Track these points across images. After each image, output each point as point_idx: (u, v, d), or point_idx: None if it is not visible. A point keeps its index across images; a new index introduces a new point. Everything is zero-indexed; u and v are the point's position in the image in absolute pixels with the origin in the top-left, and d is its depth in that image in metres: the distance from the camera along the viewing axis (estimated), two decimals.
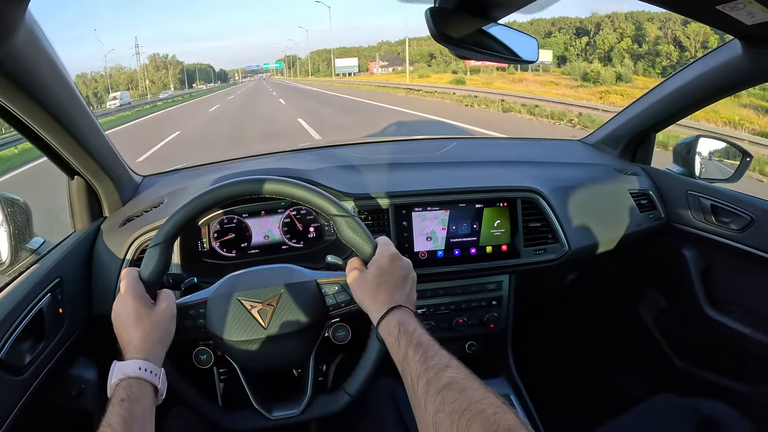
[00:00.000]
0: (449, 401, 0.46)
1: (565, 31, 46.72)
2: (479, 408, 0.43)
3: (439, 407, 0.46)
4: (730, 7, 0.62)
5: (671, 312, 1.19)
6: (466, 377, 0.49)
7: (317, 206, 0.68)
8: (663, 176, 1.17)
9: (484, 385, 0.48)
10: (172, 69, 77.94)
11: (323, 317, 0.70)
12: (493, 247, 0.97)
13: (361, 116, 10.74)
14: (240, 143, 7.98)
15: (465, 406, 0.44)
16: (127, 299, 0.62)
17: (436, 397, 0.47)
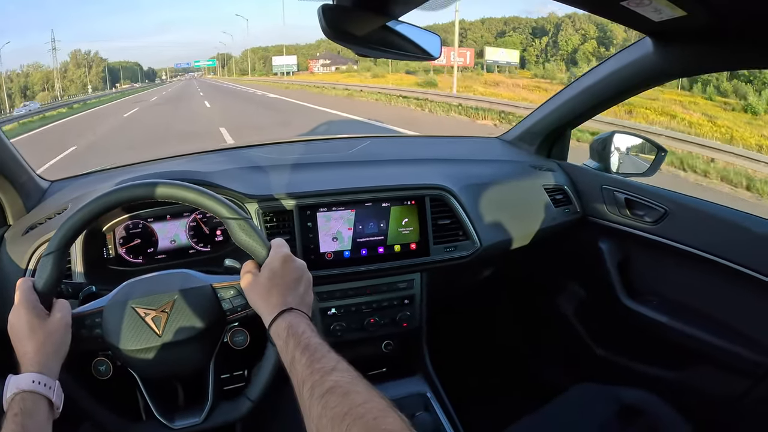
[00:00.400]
0: (331, 405, 0.45)
1: (520, 31, 46.62)
2: (360, 412, 0.43)
3: (322, 412, 0.46)
4: (635, 3, 0.63)
5: (590, 303, 1.21)
6: (351, 381, 0.49)
7: (210, 209, 0.68)
8: (578, 171, 1.20)
9: (370, 387, 0.48)
10: (95, 67, 68.89)
11: (220, 322, 0.69)
12: (402, 246, 0.97)
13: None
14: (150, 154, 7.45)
15: (346, 411, 0.44)
16: (20, 310, 0.60)
17: (319, 402, 0.47)
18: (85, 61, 67.38)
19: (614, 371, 1.20)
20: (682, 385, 1.10)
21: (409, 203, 0.98)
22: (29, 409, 0.54)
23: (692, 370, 1.09)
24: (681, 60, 0.88)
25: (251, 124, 10.00)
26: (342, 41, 0.65)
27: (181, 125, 11.04)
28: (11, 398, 0.54)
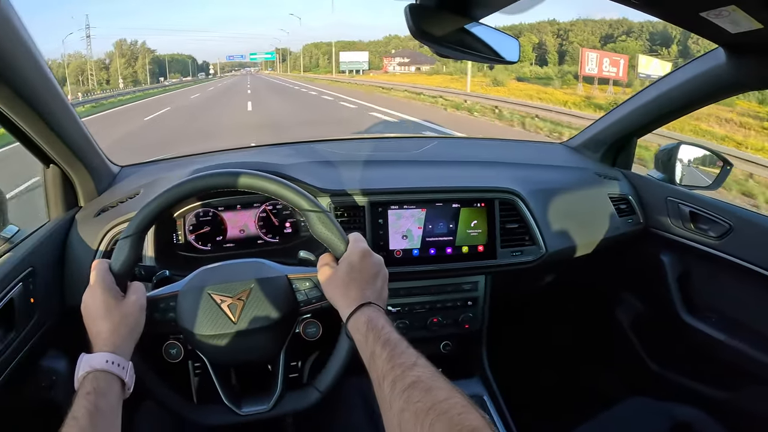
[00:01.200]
0: (414, 400, 0.45)
1: (635, 36, 40.66)
2: (444, 408, 0.43)
3: (404, 406, 0.46)
4: (714, 14, 0.62)
5: (648, 316, 1.19)
6: (432, 376, 0.48)
7: (290, 201, 0.68)
8: (643, 182, 1.18)
9: (450, 384, 0.48)
10: (142, 58, 62.40)
11: (294, 313, 0.69)
12: (470, 248, 0.97)
13: None
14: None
15: (430, 406, 0.44)
16: (96, 291, 0.61)
17: (401, 396, 0.47)
18: (129, 52, 61.99)
19: (667, 387, 1.18)
20: (736, 407, 1.08)
21: (478, 205, 0.97)
22: (102, 388, 0.54)
23: (747, 392, 1.06)
24: (755, 72, 0.86)
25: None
26: (423, 40, 0.65)
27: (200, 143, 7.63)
28: (83, 376, 0.55)
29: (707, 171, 1.21)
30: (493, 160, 1.12)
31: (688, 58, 29.74)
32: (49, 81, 0.73)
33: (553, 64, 39.67)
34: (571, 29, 46.00)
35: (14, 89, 0.65)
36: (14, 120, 0.72)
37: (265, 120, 10.54)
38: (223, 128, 9.60)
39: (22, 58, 0.65)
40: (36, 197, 0.98)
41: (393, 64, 46.99)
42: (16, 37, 0.62)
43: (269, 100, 16.58)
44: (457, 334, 1.02)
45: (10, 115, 0.71)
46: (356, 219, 0.92)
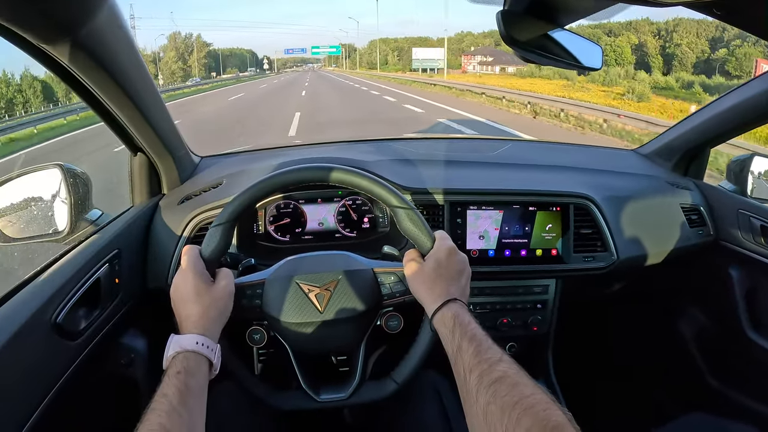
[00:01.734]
0: (501, 394, 0.47)
1: (752, 41, 32.67)
2: (530, 403, 0.44)
3: (490, 399, 0.47)
4: None
5: (712, 331, 1.17)
6: (518, 372, 0.50)
7: (380, 197, 0.69)
8: (715, 193, 1.15)
9: (534, 381, 0.49)
10: (197, 52, 58.59)
11: (377, 305, 0.71)
12: (543, 251, 0.97)
13: None
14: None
15: (516, 400, 0.45)
16: (188, 275, 0.63)
17: (488, 390, 0.48)
18: (184, 45, 57.36)
19: (727, 404, 1.15)
20: None
21: (554, 209, 0.97)
22: (192, 369, 0.56)
23: None
24: None
25: None
26: (512, 45, 0.65)
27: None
28: (173, 356, 0.57)
29: None
30: (567, 165, 1.11)
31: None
32: (144, 72, 0.76)
33: (657, 70, 34.10)
34: (675, 30, 38.12)
35: (116, 81, 0.68)
36: (112, 109, 0.75)
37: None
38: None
39: (124, 53, 0.68)
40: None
41: (473, 63, 41.13)
42: (120, 32, 0.64)
43: (326, 109, 12.97)
44: (524, 336, 1.02)
45: (110, 105, 0.74)
46: (435, 217, 0.93)
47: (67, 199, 0.86)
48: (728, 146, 4.30)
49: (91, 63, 0.62)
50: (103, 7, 0.57)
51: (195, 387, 0.55)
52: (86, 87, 0.67)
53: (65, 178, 0.86)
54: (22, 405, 0.56)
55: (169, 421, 0.49)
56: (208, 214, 0.89)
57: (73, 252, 0.77)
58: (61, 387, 0.62)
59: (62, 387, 0.62)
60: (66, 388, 0.63)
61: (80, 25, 0.55)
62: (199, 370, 0.57)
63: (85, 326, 0.69)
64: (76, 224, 0.86)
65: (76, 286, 0.69)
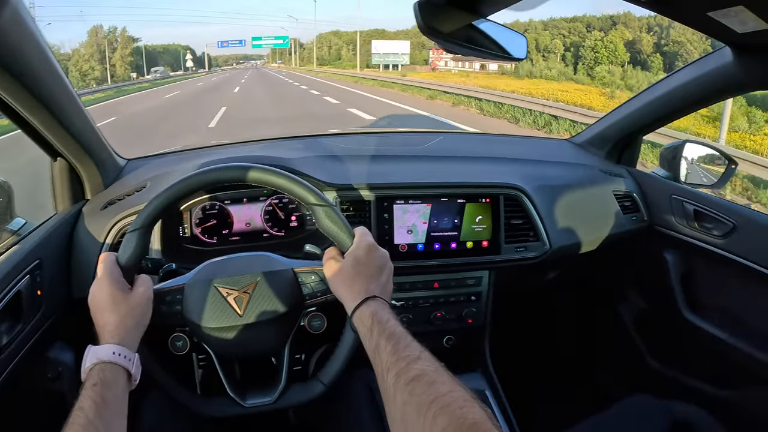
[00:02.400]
0: (417, 393, 0.46)
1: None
2: (446, 401, 0.44)
3: (407, 399, 0.46)
4: (722, 14, 0.63)
5: (650, 314, 1.20)
6: (436, 370, 0.49)
7: (296, 195, 0.68)
8: (648, 179, 1.18)
9: (453, 378, 0.48)
10: (122, 49, 46.97)
11: (299, 306, 0.70)
12: (474, 243, 0.97)
13: None
14: None
15: (432, 399, 0.44)
16: (103, 283, 0.61)
17: (405, 389, 0.47)
18: (105, 41, 45.93)
19: (669, 384, 1.18)
20: (737, 405, 1.08)
21: (483, 201, 0.97)
22: (108, 380, 0.54)
23: (748, 391, 1.07)
24: (761, 72, 0.86)
25: None
26: (432, 37, 0.65)
27: None
28: (90, 368, 0.55)
29: (712, 169, 1.21)
30: (498, 156, 1.12)
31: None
32: (56, 73, 0.73)
33: (657, 71, 30.79)
34: (672, 25, 32.11)
35: (25, 85, 0.66)
36: (23, 113, 0.73)
37: None
38: None
39: (33, 54, 0.65)
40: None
41: (445, 58, 34.05)
42: (26, 33, 0.62)
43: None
44: (460, 329, 1.03)
45: (19, 108, 0.71)
46: (362, 213, 0.92)
47: None
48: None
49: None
50: (6, 8, 0.55)
51: (112, 399, 0.53)
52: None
53: None
54: None
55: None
56: (130, 219, 0.87)
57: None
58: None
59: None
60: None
61: None
62: (117, 381, 0.55)
63: (7, 342, 0.67)
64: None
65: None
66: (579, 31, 39.96)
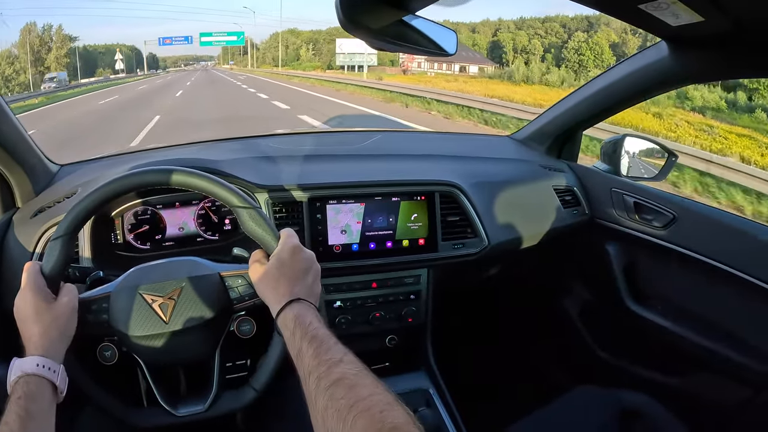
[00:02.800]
0: (338, 397, 0.45)
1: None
2: (367, 405, 0.43)
3: (327, 404, 0.46)
4: (654, 7, 0.63)
5: (595, 306, 1.22)
6: (358, 373, 0.48)
7: (220, 198, 0.68)
8: (588, 173, 1.20)
9: (376, 380, 0.48)
10: (57, 50, 40.94)
11: (227, 311, 0.69)
12: (410, 241, 0.98)
13: None
14: None
15: (352, 403, 0.44)
16: (26, 294, 0.60)
17: (325, 393, 0.47)
18: (39, 40, 40.03)
19: (616, 375, 1.20)
20: (684, 391, 1.10)
21: (418, 198, 0.97)
22: (33, 393, 0.54)
23: (694, 377, 1.09)
24: (697, 65, 0.88)
25: None
26: (357, 33, 0.65)
27: None
28: (15, 381, 0.54)
29: (652, 162, 1.24)
30: (436, 154, 1.13)
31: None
32: None
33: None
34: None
35: None
36: None
37: None
38: None
39: None
40: None
41: (418, 60, 31.56)
42: None
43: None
44: (401, 328, 1.03)
45: None
46: (294, 215, 0.92)
47: None
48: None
49: None
50: None
51: (37, 412, 0.52)
52: None
53: None
54: None
55: None
56: None
57: None
58: None
59: None
60: None
61: None
62: (41, 393, 0.54)
63: None
64: None
65: None
66: (555, 31, 39.81)
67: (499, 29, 43.29)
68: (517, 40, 40.75)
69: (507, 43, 41.09)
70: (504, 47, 41.08)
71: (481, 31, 44.47)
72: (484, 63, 38.24)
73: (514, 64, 32.58)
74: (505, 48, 40.96)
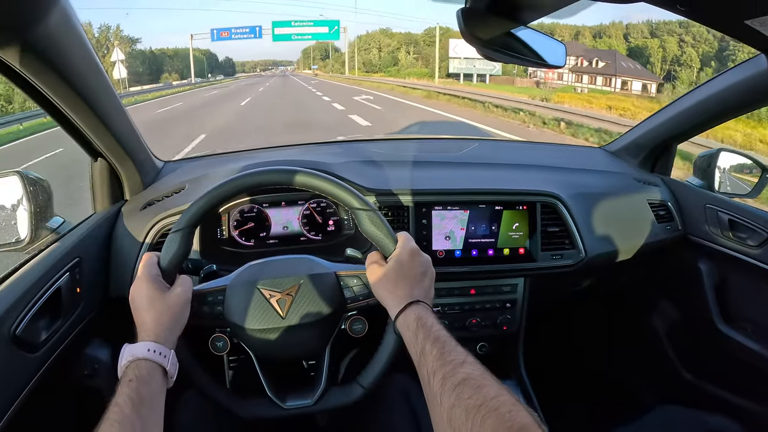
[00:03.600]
0: (465, 397, 0.46)
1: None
2: (495, 405, 0.44)
3: (454, 402, 0.46)
4: (759, 22, 0.62)
5: (683, 324, 1.18)
6: (482, 374, 0.49)
7: (341, 199, 0.69)
8: (682, 188, 1.16)
9: (499, 382, 0.48)
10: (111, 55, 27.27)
11: (341, 309, 0.70)
12: (511, 250, 0.97)
13: None
14: None
15: (480, 403, 0.45)
16: (142, 283, 0.62)
17: (452, 393, 0.47)
18: (95, 42, 27.22)
19: (701, 396, 1.17)
20: None
21: (521, 208, 0.97)
22: (144, 376, 0.55)
23: None
24: None
25: None
26: (473, 43, 0.65)
27: None
28: (126, 365, 0.56)
29: (746, 179, 1.20)
30: (534, 164, 1.12)
31: None
32: (101, 74, 0.74)
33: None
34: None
35: (71, 85, 0.67)
36: (68, 114, 0.73)
37: None
38: None
39: (79, 55, 0.66)
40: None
41: (559, 71, 22.85)
42: (73, 34, 0.63)
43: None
44: (494, 336, 1.02)
45: (65, 110, 0.72)
46: (400, 219, 0.92)
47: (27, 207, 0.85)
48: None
49: (42, 66, 0.60)
50: (55, 8, 0.56)
51: (148, 395, 0.54)
52: (39, 91, 0.66)
53: (24, 185, 0.84)
54: None
55: (121, 430, 0.48)
56: (170, 220, 0.88)
57: (33, 261, 0.75)
58: (22, 401, 0.60)
59: (23, 401, 0.60)
60: (27, 401, 0.61)
61: (30, 26, 0.54)
62: (152, 377, 0.56)
63: (45, 338, 0.68)
64: (36, 233, 0.84)
65: (35, 297, 0.67)
66: (704, 38, 28.30)
67: (629, 34, 33.02)
68: (668, 48, 29.82)
69: (653, 51, 30.01)
70: (648, 56, 30.14)
71: (613, 35, 32.82)
72: (649, 78, 26.09)
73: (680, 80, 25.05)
74: (650, 57, 30.10)
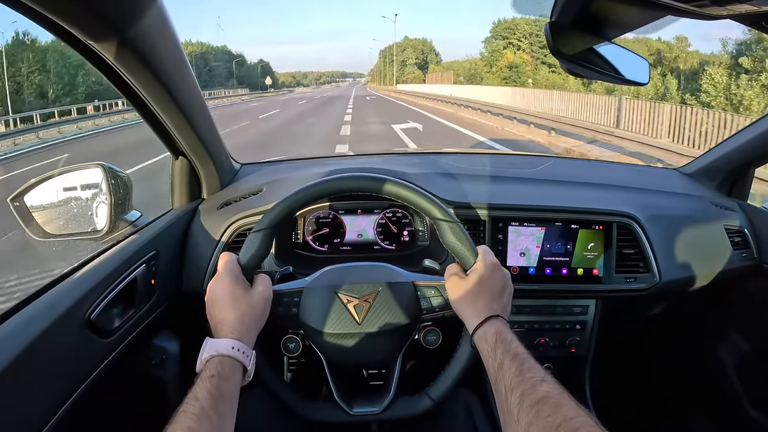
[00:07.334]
0: (544, 415, 0.46)
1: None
2: (574, 425, 0.44)
3: (532, 420, 0.46)
4: None
5: (753, 359, 1.13)
6: (561, 393, 0.49)
7: (423, 209, 0.68)
8: (759, 214, 1.12)
9: (577, 403, 0.48)
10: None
11: (416, 319, 0.70)
12: (585, 270, 0.95)
13: None
14: None
15: (560, 422, 0.44)
16: (224, 280, 0.63)
17: (530, 410, 0.47)
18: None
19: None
20: None
21: (596, 228, 0.95)
22: (226, 373, 0.55)
23: None
24: None
25: None
26: (559, 58, 0.64)
27: None
28: (208, 359, 0.56)
29: None
30: (609, 183, 1.09)
31: None
32: (189, 75, 0.76)
33: None
34: None
35: (163, 84, 0.68)
36: (156, 111, 0.75)
37: None
38: None
39: (171, 56, 0.68)
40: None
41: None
42: (168, 35, 0.64)
43: None
44: (561, 357, 1.00)
45: (154, 107, 0.74)
46: (477, 232, 0.92)
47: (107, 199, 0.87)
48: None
49: (137, 63, 0.62)
50: (152, 7, 0.57)
51: (228, 392, 0.55)
52: (131, 87, 0.68)
53: (107, 178, 0.87)
54: (50, 398, 0.56)
55: (198, 424, 0.48)
56: (248, 221, 0.89)
57: (111, 251, 0.77)
58: (91, 383, 0.62)
59: (92, 383, 0.62)
60: (96, 384, 0.63)
61: (129, 23, 0.55)
62: (233, 375, 0.57)
63: (118, 325, 0.70)
64: (114, 224, 0.87)
65: (112, 285, 0.69)
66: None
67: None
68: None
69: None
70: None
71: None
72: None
73: None
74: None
